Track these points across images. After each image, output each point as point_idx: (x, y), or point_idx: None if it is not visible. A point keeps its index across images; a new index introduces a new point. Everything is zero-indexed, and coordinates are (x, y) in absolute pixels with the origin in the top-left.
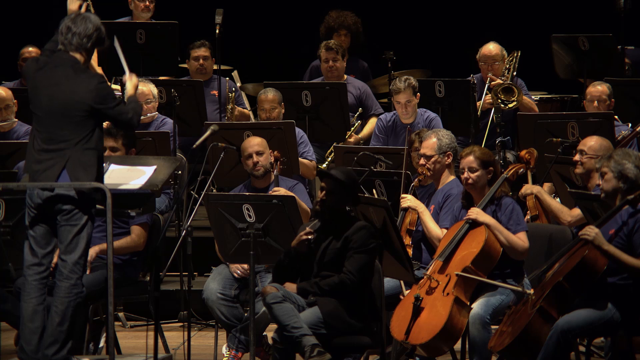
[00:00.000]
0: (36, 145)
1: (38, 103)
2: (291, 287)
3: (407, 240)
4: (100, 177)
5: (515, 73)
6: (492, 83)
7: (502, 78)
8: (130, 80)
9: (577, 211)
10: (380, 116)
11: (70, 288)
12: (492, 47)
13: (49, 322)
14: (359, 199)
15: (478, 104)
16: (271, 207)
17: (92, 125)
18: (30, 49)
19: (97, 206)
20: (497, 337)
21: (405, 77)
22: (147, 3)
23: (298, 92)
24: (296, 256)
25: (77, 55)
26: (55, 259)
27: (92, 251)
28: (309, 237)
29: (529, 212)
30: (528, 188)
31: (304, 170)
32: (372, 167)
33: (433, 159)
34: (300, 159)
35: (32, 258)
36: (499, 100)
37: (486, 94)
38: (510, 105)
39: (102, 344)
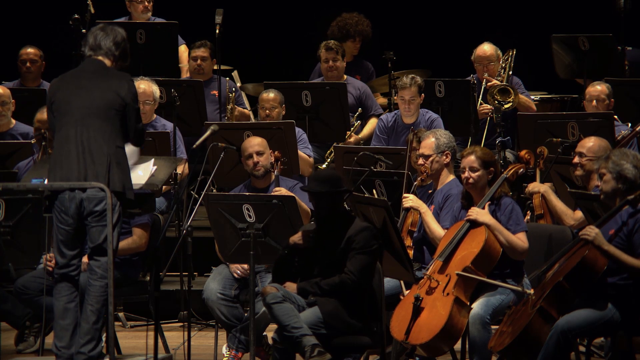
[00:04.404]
0: (73, 150)
1: (75, 105)
2: (291, 287)
3: (408, 242)
4: (129, 176)
5: (511, 72)
6: (489, 84)
7: (498, 78)
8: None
9: (579, 214)
10: (381, 116)
11: (105, 287)
12: (486, 48)
13: (83, 321)
14: (349, 191)
15: (478, 108)
16: (271, 207)
17: (120, 124)
18: (29, 49)
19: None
20: (497, 337)
21: (412, 75)
22: (146, 3)
23: (298, 92)
24: (294, 252)
25: (106, 60)
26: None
27: None
28: (305, 238)
29: (531, 211)
30: (535, 186)
31: (302, 165)
32: (372, 167)
33: (431, 158)
34: (299, 152)
35: (61, 259)
36: (496, 102)
37: (481, 103)
38: (506, 106)
39: (102, 344)
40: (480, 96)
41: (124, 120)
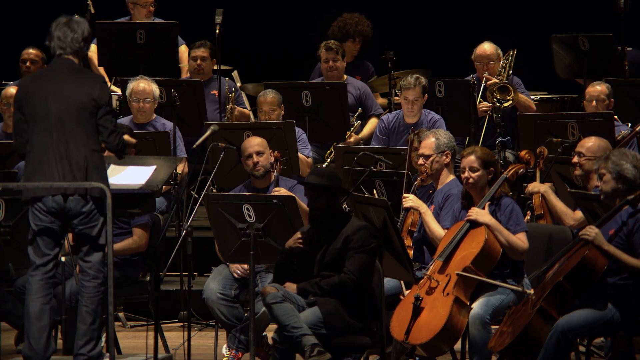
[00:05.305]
0: (51, 157)
1: (51, 111)
2: (291, 287)
3: (408, 242)
4: (106, 179)
5: (511, 72)
6: (488, 83)
7: (498, 77)
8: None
9: (579, 214)
10: (382, 117)
11: (98, 287)
12: (487, 47)
13: (80, 323)
14: (346, 191)
15: (477, 106)
16: (271, 207)
17: (95, 126)
18: (31, 50)
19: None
20: (497, 337)
21: (416, 75)
22: (150, 8)
23: (298, 92)
24: (292, 256)
25: (75, 59)
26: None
27: None
28: (301, 240)
29: (531, 211)
30: (535, 186)
31: (300, 166)
32: (372, 167)
33: (431, 159)
34: (299, 153)
35: (39, 259)
36: (495, 100)
37: (480, 102)
38: (506, 104)
39: (102, 343)
40: (480, 94)
41: (94, 121)
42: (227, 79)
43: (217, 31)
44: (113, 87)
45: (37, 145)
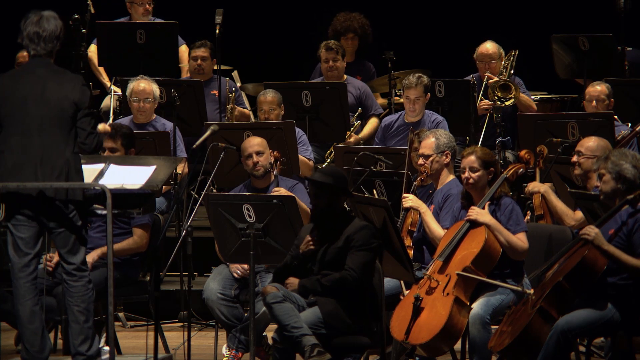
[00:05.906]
0: (30, 161)
1: (32, 114)
2: (293, 282)
3: (408, 242)
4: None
5: (512, 72)
6: (490, 81)
7: (500, 77)
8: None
9: (579, 214)
10: (383, 120)
11: (86, 285)
12: (489, 46)
13: (73, 322)
14: (350, 193)
15: (478, 104)
16: (271, 207)
17: (74, 127)
18: (25, 52)
19: (96, 205)
20: (497, 337)
21: (418, 74)
22: (147, 6)
23: (298, 92)
24: (303, 258)
25: (51, 59)
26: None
27: (95, 254)
28: (312, 241)
29: (531, 211)
30: (535, 186)
31: (302, 167)
32: (372, 167)
33: (431, 158)
34: (299, 155)
35: (21, 260)
36: (496, 98)
37: (481, 99)
38: (507, 103)
39: (102, 344)
40: (481, 93)
41: (73, 122)
42: (227, 79)
43: (217, 31)
44: (113, 87)
45: (13, 147)
